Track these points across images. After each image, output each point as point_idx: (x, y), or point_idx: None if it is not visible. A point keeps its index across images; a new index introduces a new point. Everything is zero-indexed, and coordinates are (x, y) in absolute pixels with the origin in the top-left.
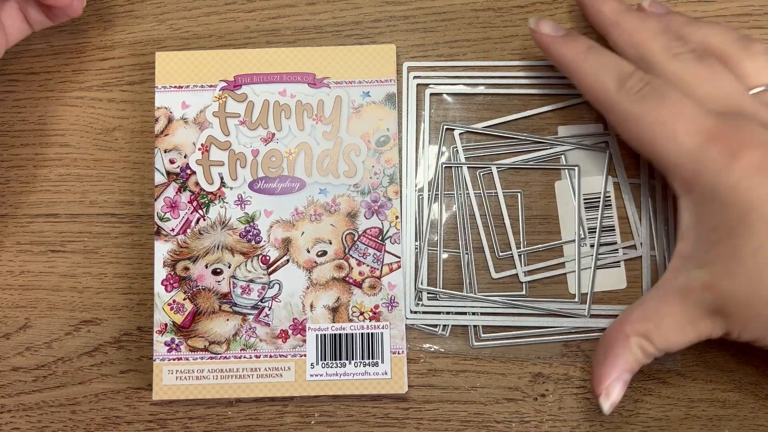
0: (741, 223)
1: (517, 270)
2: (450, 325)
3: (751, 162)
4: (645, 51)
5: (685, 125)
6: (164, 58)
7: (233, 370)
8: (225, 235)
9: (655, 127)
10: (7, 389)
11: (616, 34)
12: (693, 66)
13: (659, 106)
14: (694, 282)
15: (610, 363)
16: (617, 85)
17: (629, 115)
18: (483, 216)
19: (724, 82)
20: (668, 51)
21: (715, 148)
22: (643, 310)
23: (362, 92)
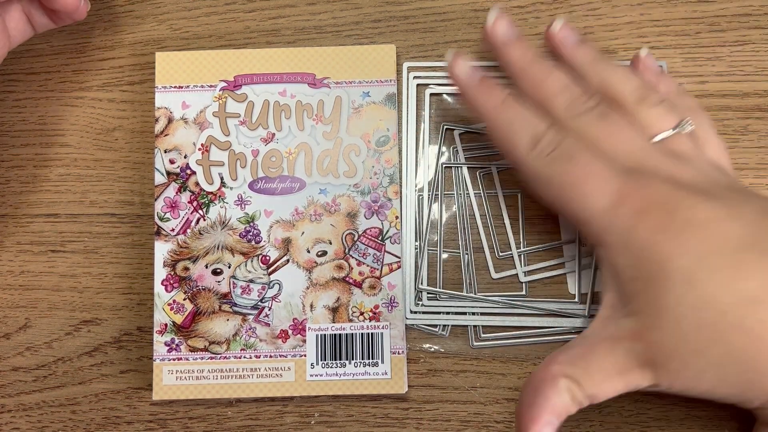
0: (659, 274)
1: (517, 270)
2: (450, 325)
3: (657, 220)
4: (549, 108)
5: (594, 186)
6: (164, 58)
7: (233, 370)
8: (225, 235)
9: (565, 188)
10: (7, 389)
11: (523, 85)
12: (594, 126)
13: (569, 168)
14: (623, 331)
15: (540, 404)
16: (529, 146)
17: (540, 176)
18: (483, 216)
19: (624, 140)
20: (570, 111)
21: (623, 208)
22: (571, 356)
23: (362, 92)
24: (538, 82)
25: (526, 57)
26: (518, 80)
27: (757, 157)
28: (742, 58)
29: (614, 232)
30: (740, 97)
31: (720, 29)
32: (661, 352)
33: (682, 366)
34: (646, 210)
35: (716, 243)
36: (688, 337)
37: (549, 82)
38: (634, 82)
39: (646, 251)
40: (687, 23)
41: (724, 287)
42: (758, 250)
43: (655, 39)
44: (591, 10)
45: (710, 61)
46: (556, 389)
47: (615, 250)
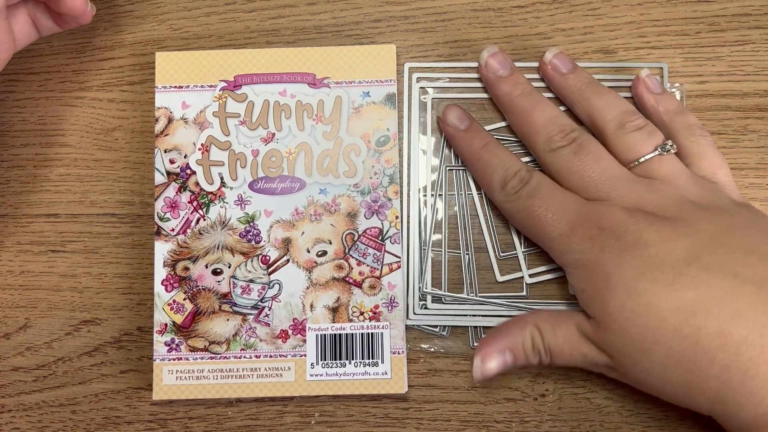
0: (605, 286)
1: (522, 273)
2: (450, 326)
3: (605, 242)
4: (530, 143)
5: (552, 217)
6: (164, 58)
7: (233, 370)
8: (225, 235)
9: (529, 221)
10: (7, 389)
11: (510, 119)
12: (567, 160)
13: (531, 203)
14: (584, 325)
15: (500, 336)
16: (499, 186)
17: (508, 212)
18: (485, 216)
19: (594, 172)
20: (547, 146)
21: (578, 234)
22: (550, 314)
23: (362, 92)
24: (525, 117)
25: (515, 92)
26: (507, 115)
27: (757, 157)
28: (742, 58)
29: (570, 255)
30: (740, 97)
31: (720, 29)
32: (613, 349)
33: (632, 363)
34: (597, 235)
35: (657, 259)
36: (634, 340)
37: (533, 117)
38: (616, 109)
39: (595, 268)
40: (687, 23)
41: (662, 297)
42: (698, 265)
43: (655, 39)
44: (591, 10)
45: (710, 61)
46: (522, 330)
47: (571, 269)
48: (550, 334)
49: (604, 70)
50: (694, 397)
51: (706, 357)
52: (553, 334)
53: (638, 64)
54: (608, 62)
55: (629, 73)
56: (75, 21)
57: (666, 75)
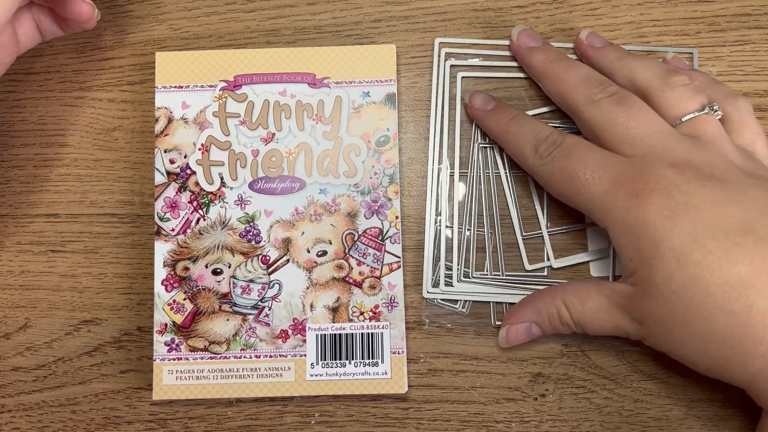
0: (653, 254)
1: (550, 262)
2: (470, 301)
3: (654, 201)
4: (569, 100)
5: (592, 174)
6: (164, 58)
7: (233, 370)
8: (225, 235)
9: (565, 182)
10: (7, 389)
11: (546, 85)
12: (609, 112)
13: (567, 163)
14: (621, 291)
15: (527, 310)
16: (532, 152)
17: (543, 177)
18: (511, 196)
19: (640, 123)
20: (588, 99)
21: (621, 190)
22: (577, 288)
23: (362, 92)
24: (560, 78)
25: (548, 58)
26: (542, 81)
27: None
28: (742, 58)
29: (614, 215)
30: None
31: (720, 29)
32: (650, 317)
33: (667, 333)
34: (643, 192)
35: (710, 226)
36: (675, 311)
37: (569, 76)
38: (659, 67)
39: (642, 231)
40: (687, 23)
41: (713, 270)
42: (753, 237)
43: (655, 39)
44: (591, 10)
45: (710, 61)
46: (548, 305)
47: (616, 231)
48: (577, 308)
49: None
50: (732, 372)
51: (753, 335)
52: (581, 308)
53: (667, 48)
54: (637, 46)
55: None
56: (80, 26)
57: (696, 61)
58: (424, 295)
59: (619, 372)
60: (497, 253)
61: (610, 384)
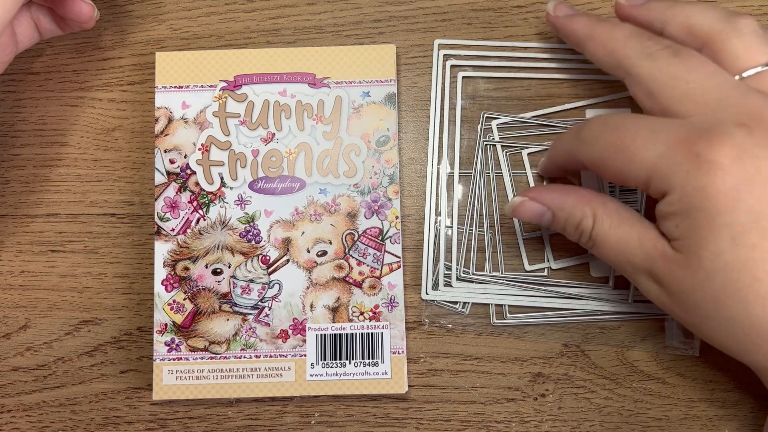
0: (707, 225)
1: (549, 263)
2: (470, 302)
3: (718, 167)
4: (620, 57)
5: (644, 141)
6: (164, 58)
7: (233, 370)
8: (225, 235)
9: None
10: (7, 389)
11: (592, 47)
12: (667, 65)
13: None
14: (661, 247)
15: (554, 195)
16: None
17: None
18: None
19: (701, 76)
20: (642, 53)
21: (680, 152)
22: (618, 211)
23: (362, 92)
24: (606, 37)
25: (591, 20)
26: (587, 45)
27: None
28: None
29: (673, 180)
30: None
31: None
32: (681, 288)
33: (695, 306)
34: (705, 155)
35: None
36: (713, 289)
37: (617, 32)
38: (719, 9)
39: (699, 201)
40: None
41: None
42: None
43: None
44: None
45: None
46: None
47: (673, 197)
48: (603, 229)
49: None
50: (755, 356)
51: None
52: (608, 231)
53: None
54: None
55: None
56: (79, 26)
57: None
58: (423, 297)
59: (619, 372)
60: (497, 253)
61: (610, 384)
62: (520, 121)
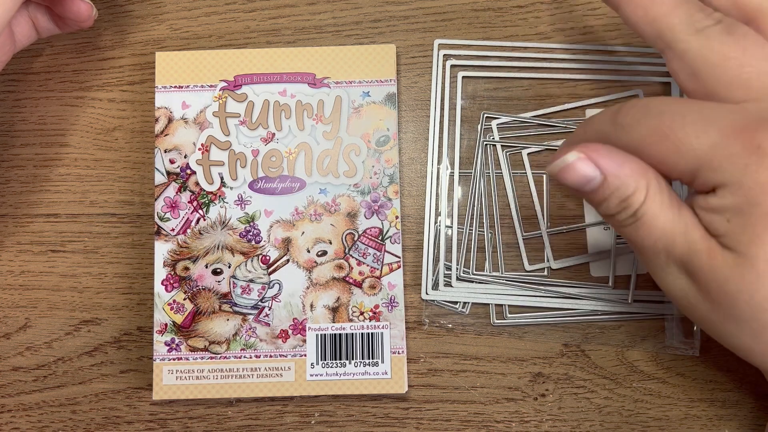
0: (764, 223)
1: (549, 263)
2: (470, 302)
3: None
4: (663, 27)
5: (693, 129)
6: (164, 58)
7: (233, 370)
8: (225, 235)
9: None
10: (7, 389)
11: (629, 11)
12: (719, 43)
13: (658, 122)
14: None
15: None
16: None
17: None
18: (513, 194)
19: (757, 59)
20: (690, 26)
21: (738, 143)
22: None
23: (362, 92)
24: (649, 2)
25: None
26: (625, 6)
27: None
28: None
29: (727, 173)
30: None
31: None
32: (722, 285)
33: (730, 307)
34: (762, 146)
35: None
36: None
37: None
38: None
39: (757, 196)
40: None
41: None
42: None
43: None
44: (591, 10)
45: None
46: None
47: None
48: (655, 207)
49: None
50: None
51: None
52: (658, 211)
53: None
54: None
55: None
56: (77, 25)
57: None
58: (423, 297)
59: (619, 372)
60: (497, 253)
61: (610, 384)
62: (520, 121)
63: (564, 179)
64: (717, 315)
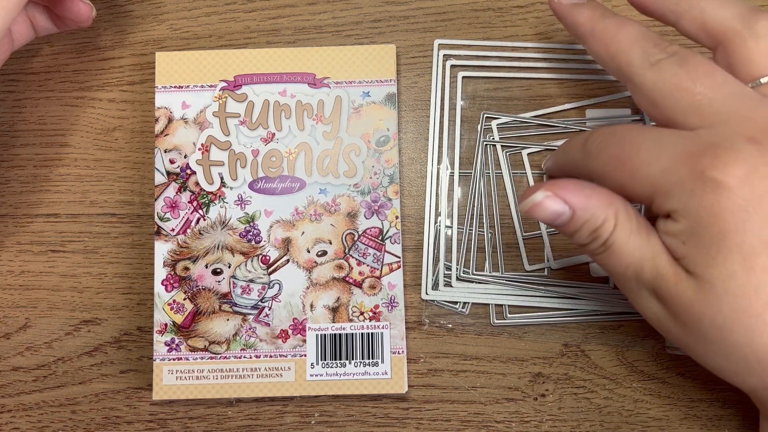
0: (717, 245)
1: (549, 263)
2: (470, 302)
3: (726, 186)
4: (621, 62)
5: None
6: (164, 58)
7: (233, 370)
8: (225, 235)
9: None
10: (7, 389)
11: (593, 46)
12: (671, 75)
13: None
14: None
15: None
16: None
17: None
18: (513, 194)
19: (707, 87)
20: (645, 60)
21: (685, 168)
22: (638, 219)
23: (362, 92)
24: (611, 36)
25: (596, 13)
26: (589, 41)
27: None
28: None
29: (675, 199)
30: None
31: None
32: (688, 308)
33: (698, 329)
34: (712, 172)
35: None
36: (721, 314)
37: (621, 34)
38: (735, 6)
39: (707, 220)
40: None
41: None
42: None
43: None
44: None
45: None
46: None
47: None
48: (623, 236)
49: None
50: (747, 379)
51: None
52: (626, 239)
53: None
54: None
55: None
56: (76, 24)
57: None
58: (423, 297)
59: (619, 372)
60: (497, 253)
61: (610, 384)
62: (520, 121)
63: (534, 216)
64: (688, 338)
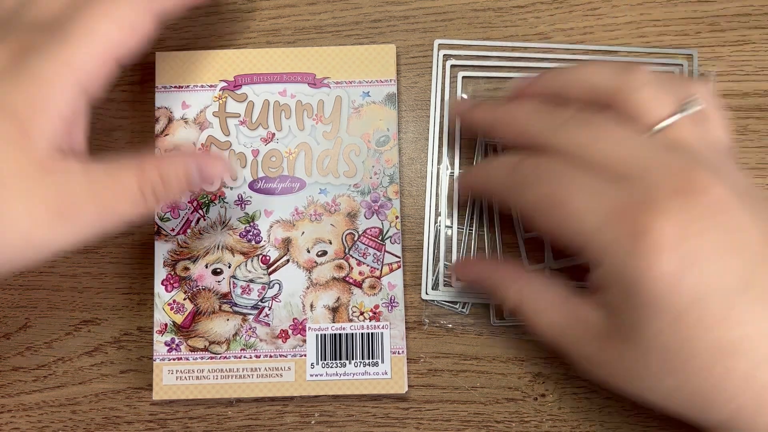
0: (647, 305)
1: (549, 263)
2: (471, 302)
3: (659, 249)
4: (528, 137)
5: (582, 203)
6: (164, 58)
7: (233, 370)
8: (225, 235)
9: (552, 211)
10: (7, 389)
11: (501, 132)
12: (576, 135)
13: (551, 189)
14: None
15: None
16: (507, 180)
17: (526, 207)
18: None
19: (613, 142)
20: (549, 126)
21: (619, 228)
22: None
23: (362, 92)
24: (511, 117)
25: (491, 106)
26: (495, 131)
27: (758, 157)
28: (742, 58)
29: (608, 258)
30: (740, 97)
31: (720, 29)
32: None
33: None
34: (646, 236)
35: (715, 281)
36: (653, 364)
37: (519, 111)
38: (608, 67)
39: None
40: (687, 23)
41: (708, 331)
42: (753, 294)
43: (655, 39)
44: (591, 10)
45: (710, 61)
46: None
47: (606, 273)
48: (530, 313)
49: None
50: (692, 419)
51: (725, 395)
52: (533, 316)
53: (667, 49)
54: (638, 47)
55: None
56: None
57: (696, 61)
58: (423, 297)
59: None
60: (497, 253)
61: None
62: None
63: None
64: (630, 387)
